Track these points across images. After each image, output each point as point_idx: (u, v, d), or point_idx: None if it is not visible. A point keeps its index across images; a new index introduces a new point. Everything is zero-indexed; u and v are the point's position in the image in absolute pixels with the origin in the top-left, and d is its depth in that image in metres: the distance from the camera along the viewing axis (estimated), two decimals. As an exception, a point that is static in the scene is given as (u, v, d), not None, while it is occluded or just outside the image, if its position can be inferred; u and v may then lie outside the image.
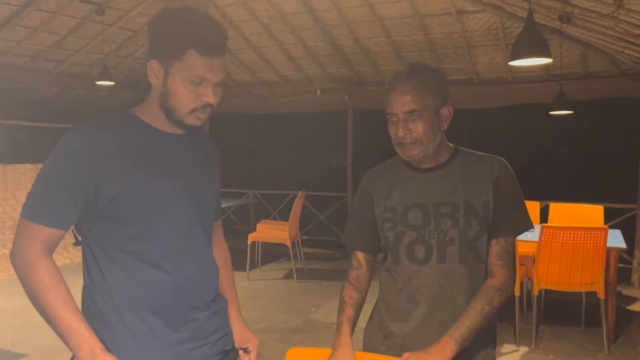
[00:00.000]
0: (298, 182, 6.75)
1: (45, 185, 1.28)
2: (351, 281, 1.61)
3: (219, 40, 1.30)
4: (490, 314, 1.45)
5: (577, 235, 3.79)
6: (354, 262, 1.63)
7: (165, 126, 1.36)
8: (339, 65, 6.80)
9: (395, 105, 1.48)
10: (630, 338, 4.15)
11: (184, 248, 1.36)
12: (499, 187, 1.51)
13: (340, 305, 1.57)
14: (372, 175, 1.65)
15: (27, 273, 1.25)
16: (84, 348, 1.22)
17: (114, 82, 5.87)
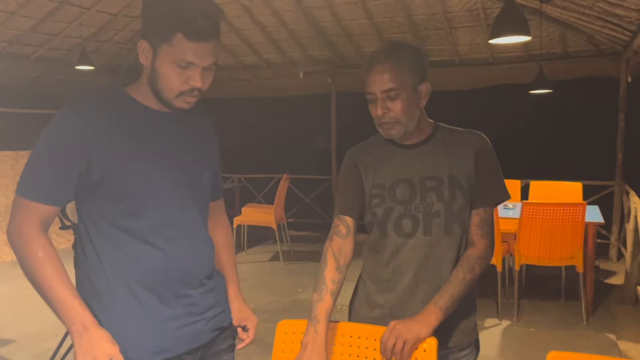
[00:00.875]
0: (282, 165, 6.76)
1: (38, 163, 1.29)
2: (335, 253, 1.53)
3: (208, 25, 1.29)
4: (472, 281, 1.50)
5: (557, 211, 3.89)
6: (341, 227, 1.56)
7: (157, 105, 1.37)
8: (321, 48, 6.79)
9: (373, 85, 1.50)
10: (609, 310, 4.29)
11: (175, 225, 1.38)
12: (479, 160, 1.55)
13: (320, 287, 1.47)
14: (357, 152, 1.67)
15: (22, 249, 1.27)
16: (76, 322, 1.24)
17: (94, 66, 5.80)
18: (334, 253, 1.53)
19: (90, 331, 1.24)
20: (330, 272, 1.50)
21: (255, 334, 1.61)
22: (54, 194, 1.30)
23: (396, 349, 1.38)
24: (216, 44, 1.33)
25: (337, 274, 1.50)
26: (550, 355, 1.30)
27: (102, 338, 1.24)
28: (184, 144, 1.43)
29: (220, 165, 1.59)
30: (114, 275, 1.33)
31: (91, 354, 1.21)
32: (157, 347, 1.33)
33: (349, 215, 1.58)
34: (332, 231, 1.58)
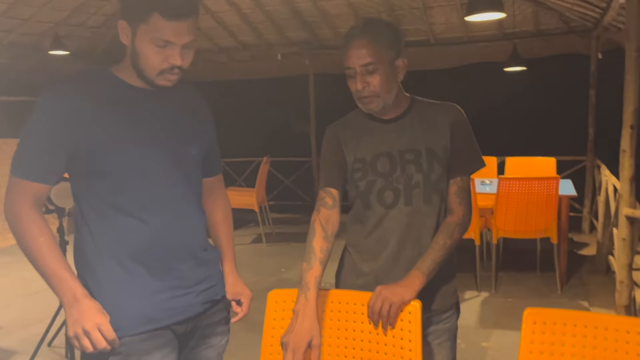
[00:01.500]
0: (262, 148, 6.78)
1: (29, 143, 1.33)
2: (322, 223, 1.57)
3: (184, 3, 1.31)
4: (452, 247, 1.57)
5: (532, 185, 4.01)
6: (328, 199, 1.61)
7: (141, 83, 1.40)
8: (298, 29, 6.78)
9: (351, 59, 1.54)
10: (581, 279, 4.46)
11: (162, 199, 1.41)
12: (455, 131, 1.61)
13: (309, 256, 1.53)
14: (337, 127, 1.72)
15: (17, 225, 1.31)
16: (67, 293, 1.29)
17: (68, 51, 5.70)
18: (322, 223, 1.58)
19: (80, 301, 1.28)
20: (318, 241, 1.55)
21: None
22: (45, 173, 1.34)
23: (383, 312, 1.45)
24: (194, 22, 1.35)
25: (325, 243, 1.55)
26: (527, 311, 1.39)
27: (92, 308, 1.29)
28: (170, 121, 1.46)
29: (215, 141, 1.63)
30: (105, 248, 1.38)
31: (80, 323, 1.26)
32: (146, 317, 1.38)
33: (334, 187, 1.63)
34: (319, 203, 1.63)
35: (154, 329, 1.37)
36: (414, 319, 1.46)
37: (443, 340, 1.68)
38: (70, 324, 1.26)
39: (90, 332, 1.25)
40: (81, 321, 1.25)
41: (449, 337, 1.69)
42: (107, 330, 1.26)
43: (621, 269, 3.09)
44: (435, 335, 1.66)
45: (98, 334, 1.25)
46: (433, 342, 1.66)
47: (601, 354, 1.31)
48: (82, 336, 1.25)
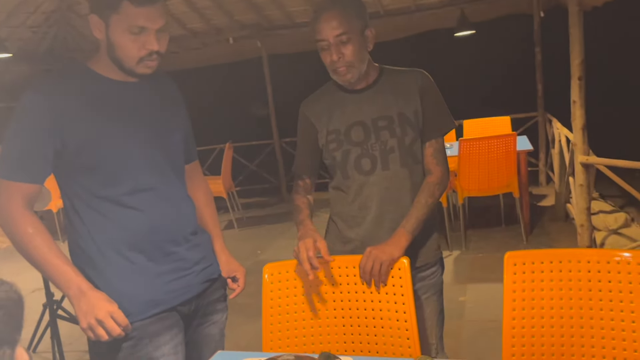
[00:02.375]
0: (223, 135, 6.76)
1: (14, 144, 1.33)
2: (299, 192, 1.79)
3: None
4: (433, 205, 1.67)
5: (491, 143, 4.18)
6: (300, 183, 1.80)
7: (120, 76, 1.42)
8: (246, 12, 6.71)
9: (324, 31, 1.59)
10: (544, 229, 4.70)
11: (153, 188, 1.45)
12: (424, 95, 1.70)
13: (296, 209, 1.74)
14: (308, 103, 1.79)
15: (11, 227, 1.32)
16: (72, 287, 1.32)
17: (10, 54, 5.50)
18: (299, 193, 1.78)
19: (87, 294, 1.32)
20: (299, 199, 1.77)
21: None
22: (34, 172, 1.35)
23: (374, 271, 1.54)
24: (163, 5, 1.39)
25: (305, 199, 1.78)
26: (507, 255, 1.50)
27: (100, 298, 1.32)
28: (151, 111, 1.49)
29: (190, 128, 1.66)
30: (103, 241, 1.40)
31: (92, 314, 1.29)
32: (151, 301, 1.42)
33: (306, 174, 1.80)
34: (294, 189, 1.80)
35: (161, 311, 1.42)
36: (404, 275, 1.56)
37: (430, 295, 1.79)
38: (81, 317, 1.29)
39: (104, 321, 1.28)
40: (93, 312, 1.29)
41: (436, 291, 1.80)
42: (119, 317, 1.30)
43: (580, 213, 3.29)
44: (423, 290, 1.77)
45: (112, 322, 1.29)
46: (422, 296, 1.77)
47: (575, 284, 1.43)
48: (96, 326, 1.28)
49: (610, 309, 1.39)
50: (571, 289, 1.44)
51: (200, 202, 1.65)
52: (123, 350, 1.38)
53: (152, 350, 1.40)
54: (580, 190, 3.27)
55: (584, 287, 1.43)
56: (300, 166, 1.81)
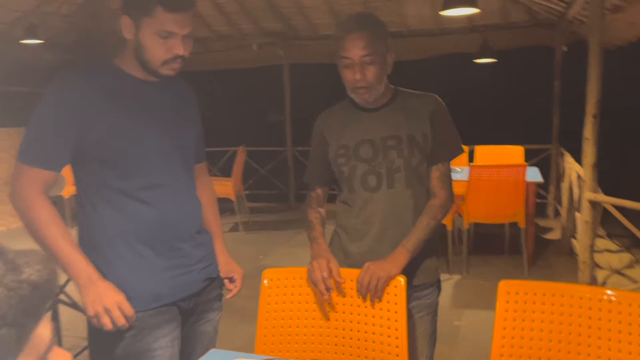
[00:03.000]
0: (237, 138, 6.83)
1: (37, 131, 1.39)
2: (312, 205, 1.85)
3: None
4: (435, 227, 1.71)
5: (501, 172, 4.20)
6: (313, 194, 1.86)
7: (143, 75, 1.48)
8: (272, 20, 6.82)
9: (351, 50, 1.64)
10: (547, 261, 4.70)
11: (166, 184, 1.51)
12: (435, 119, 1.74)
13: (309, 225, 1.80)
14: (324, 117, 1.85)
15: (26, 212, 1.37)
16: (82, 276, 1.37)
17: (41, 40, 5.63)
18: (312, 206, 1.82)
19: (96, 283, 1.36)
20: (312, 214, 1.83)
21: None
22: (53, 160, 1.40)
23: (371, 286, 1.58)
24: (192, 13, 1.45)
25: (318, 214, 1.84)
26: (501, 283, 1.54)
27: (108, 288, 1.37)
28: (170, 111, 1.55)
29: (201, 131, 1.72)
30: (113, 231, 1.45)
31: (100, 302, 1.34)
32: (155, 294, 1.47)
33: (318, 185, 1.87)
34: (308, 200, 1.87)
35: (162, 304, 1.47)
36: (400, 292, 1.59)
37: (424, 314, 1.81)
38: (89, 304, 1.34)
39: (111, 310, 1.33)
40: (101, 300, 1.33)
41: (430, 311, 1.83)
42: (126, 308, 1.35)
43: (584, 250, 3.30)
44: (418, 309, 1.79)
45: (118, 312, 1.34)
46: (416, 315, 1.79)
47: (567, 319, 1.46)
48: (103, 314, 1.33)
49: (598, 346, 1.41)
50: (562, 323, 1.46)
51: (205, 202, 1.70)
52: (124, 339, 1.43)
53: (151, 342, 1.44)
54: (585, 227, 3.29)
55: (574, 322, 1.45)
56: (313, 177, 1.88)
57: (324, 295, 1.59)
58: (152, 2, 1.37)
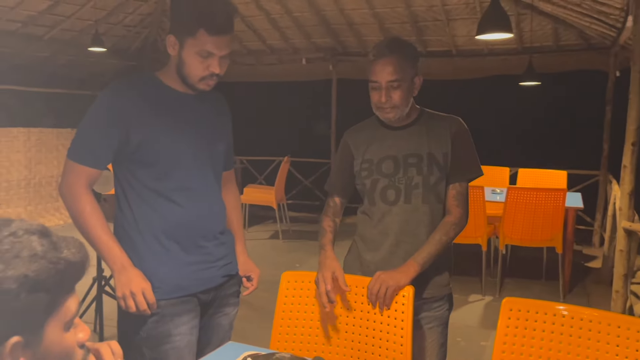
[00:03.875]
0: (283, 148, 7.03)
1: (86, 133, 1.57)
2: (328, 214, 1.94)
3: (225, 21, 1.57)
4: (447, 243, 1.78)
5: (539, 195, 4.18)
6: (331, 203, 1.97)
7: (182, 87, 1.65)
8: (324, 36, 7.01)
9: (379, 75, 1.75)
10: (585, 289, 4.60)
11: (195, 187, 1.66)
12: (456, 140, 1.83)
13: (322, 232, 1.89)
14: (352, 132, 1.96)
15: (72, 203, 1.55)
16: (117, 263, 1.54)
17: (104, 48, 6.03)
18: (328, 215, 1.93)
19: (128, 269, 1.53)
20: (327, 222, 1.93)
21: (251, 302, 1.90)
22: (98, 159, 1.58)
23: (380, 294, 1.67)
24: (232, 36, 1.60)
25: (332, 222, 1.94)
26: (505, 300, 1.59)
27: (137, 275, 1.53)
28: (204, 121, 1.70)
29: (231, 140, 1.87)
30: (145, 226, 1.62)
31: (128, 286, 1.51)
32: (178, 285, 1.62)
33: (339, 195, 1.97)
34: (326, 208, 1.97)
35: (184, 295, 1.62)
36: (407, 302, 1.68)
37: (434, 326, 1.89)
38: (119, 287, 1.51)
39: (136, 295, 1.49)
40: (129, 285, 1.50)
41: (440, 323, 1.90)
42: (149, 295, 1.51)
43: (617, 279, 3.24)
44: (427, 320, 1.87)
45: (141, 297, 1.50)
46: (425, 326, 1.87)
47: (566, 339, 1.50)
48: (129, 297, 1.50)
49: (596, 368, 1.45)
50: (561, 342, 1.51)
51: (230, 206, 1.84)
52: (148, 324, 1.58)
53: (172, 328, 1.59)
54: (619, 255, 3.24)
55: (573, 343, 1.49)
56: (334, 186, 1.98)
57: (326, 307, 1.69)
58: (196, 25, 1.53)
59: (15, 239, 0.79)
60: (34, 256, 0.78)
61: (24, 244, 0.79)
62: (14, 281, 0.75)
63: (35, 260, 0.78)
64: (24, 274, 0.76)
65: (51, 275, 0.79)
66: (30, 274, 0.77)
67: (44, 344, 0.81)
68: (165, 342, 1.58)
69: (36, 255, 0.78)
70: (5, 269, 0.75)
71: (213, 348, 1.67)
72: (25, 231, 0.80)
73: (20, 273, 0.76)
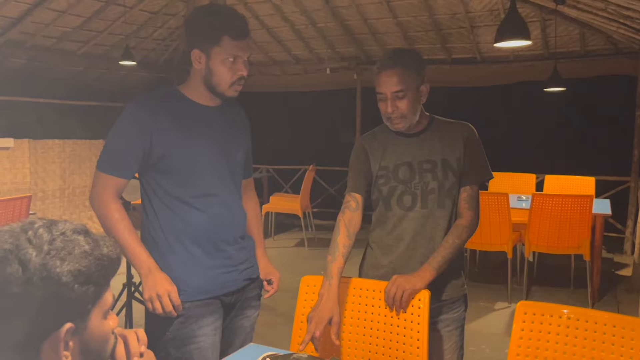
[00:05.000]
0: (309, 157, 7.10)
1: (114, 144, 1.66)
2: (346, 223, 1.84)
3: (244, 25, 1.67)
4: (460, 246, 1.81)
5: (565, 202, 4.13)
6: (352, 203, 1.88)
7: (204, 100, 1.73)
8: (347, 45, 7.09)
9: (384, 86, 1.79)
10: (615, 298, 4.51)
11: (217, 194, 1.74)
12: (467, 146, 1.86)
13: (333, 250, 1.78)
14: (367, 138, 1.98)
15: (102, 210, 1.64)
16: (144, 266, 1.61)
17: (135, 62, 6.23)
18: (345, 223, 1.86)
19: (155, 273, 1.61)
20: (342, 238, 1.83)
21: (276, 308, 1.95)
22: (124, 169, 1.67)
23: (396, 297, 1.71)
24: (251, 39, 1.69)
25: (347, 240, 1.83)
26: (520, 304, 1.61)
27: (164, 279, 1.61)
28: (224, 132, 1.78)
29: (250, 150, 1.94)
30: (170, 232, 1.69)
31: (154, 289, 1.59)
32: (202, 288, 1.69)
33: (358, 192, 1.91)
34: (344, 206, 1.90)
35: (208, 297, 1.69)
36: (423, 306, 1.71)
37: (453, 329, 1.91)
38: (146, 290, 1.59)
39: (162, 297, 1.57)
40: (155, 288, 1.58)
41: (458, 326, 1.92)
42: (175, 297, 1.59)
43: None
44: (445, 323, 1.89)
45: (167, 299, 1.57)
46: (442, 329, 1.89)
47: (580, 342, 1.51)
48: (155, 299, 1.58)
49: (612, 371, 1.45)
50: (575, 345, 1.52)
51: (250, 213, 1.91)
52: (173, 324, 1.65)
53: (196, 329, 1.66)
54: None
55: (587, 346, 1.50)
56: (353, 185, 1.92)
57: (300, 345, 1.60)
58: (220, 33, 1.62)
59: (66, 238, 0.88)
60: (83, 253, 0.88)
61: (75, 243, 0.89)
62: (70, 275, 0.85)
63: (85, 256, 0.88)
64: (78, 269, 0.86)
65: (98, 270, 0.90)
66: (82, 269, 0.87)
67: (88, 330, 0.91)
68: (190, 342, 1.65)
69: (86, 252, 0.89)
70: (62, 264, 0.85)
71: (235, 349, 1.73)
72: (73, 231, 0.90)
73: (75, 268, 0.86)
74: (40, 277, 0.83)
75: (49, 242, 0.86)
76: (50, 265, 0.84)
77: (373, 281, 1.82)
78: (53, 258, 0.85)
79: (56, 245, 0.87)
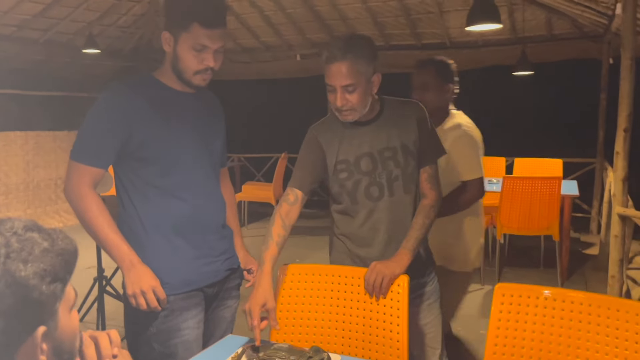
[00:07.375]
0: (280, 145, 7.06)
1: (88, 134, 1.60)
2: (282, 215, 1.77)
3: (218, 15, 1.61)
4: (429, 225, 1.83)
5: (534, 184, 4.21)
6: (291, 196, 1.80)
7: (179, 86, 1.68)
8: (318, 31, 7.03)
9: (333, 78, 1.70)
10: (583, 276, 4.64)
11: (197, 182, 1.70)
12: (420, 126, 1.85)
13: (267, 240, 1.73)
14: (319, 130, 1.88)
15: (78, 204, 1.57)
16: (126, 260, 1.56)
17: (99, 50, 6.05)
18: (282, 215, 1.79)
19: (137, 267, 1.56)
20: (277, 228, 1.76)
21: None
22: (102, 158, 1.60)
23: (376, 284, 1.70)
24: (224, 30, 1.64)
25: (282, 231, 1.76)
26: (498, 286, 1.63)
27: (146, 273, 1.56)
28: (202, 119, 1.74)
29: (225, 138, 1.90)
30: (150, 224, 1.64)
31: (138, 284, 1.54)
32: (186, 280, 1.66)
33: (301, 189, 1.82)
34: (282, 199, 1.82)
35: (191, 290, 1.66)
36: (402, 291, 1.71)
37: (433, 301, 1.96)
38: (129, 285, 1.54)
39: (146, 292, 1.53)
40: (139, 283, 1.53)
41: (436, 298, 1.97)
42: (159, 292, 1.55)
43: (613, 264, 3.28)
44: (426, 296, 1.94)
45: (152, 295, 1.53)
46: (423, 303, 1.93)
47: (557, 322, 1.54)
48: (139, 296, 1.53)
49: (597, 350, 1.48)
50: (553, 325, 1.54)
51: (227, 202, 1.87)
52: (157, 318, 1.61)
53: (181, 322, 1.63)
54: (614, 241, 3.27)
55: (565, 326, 1.53)
56: (298, 181, 1.83)
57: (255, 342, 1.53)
58: (190, 19, 1.57)
59: (21, 238, 0.82)
60: (44, 251, 0.83)
61: (31, 241, 0.83)
62: (37, 277, 0.80)
63: (47, 254, 0.83)
64: (43, 269, 0.81)
65: (61, 266, 0.85)
66: (47, 267, 0.82)
67: (59, 329, 0.86)
68: (174, 336, 1.62)
69: (46, 249, 0.83)
70: (25, 267, 0.80)
71: (216, 340, 1.70)
72: (25, 228, 0.84)
73: (40, 268, 0.81)
74: (5, 284, 0.78)
75: (4, 245, 0.80)
76: (13, 270, 0.79)
77: (350, 267, 1.82)
78: (14, 261, 0.79)
79: (13, 247, 0.81)
